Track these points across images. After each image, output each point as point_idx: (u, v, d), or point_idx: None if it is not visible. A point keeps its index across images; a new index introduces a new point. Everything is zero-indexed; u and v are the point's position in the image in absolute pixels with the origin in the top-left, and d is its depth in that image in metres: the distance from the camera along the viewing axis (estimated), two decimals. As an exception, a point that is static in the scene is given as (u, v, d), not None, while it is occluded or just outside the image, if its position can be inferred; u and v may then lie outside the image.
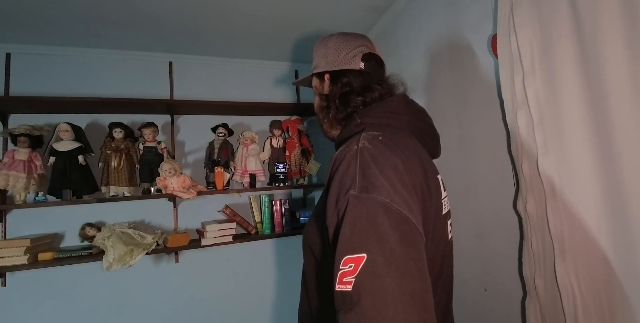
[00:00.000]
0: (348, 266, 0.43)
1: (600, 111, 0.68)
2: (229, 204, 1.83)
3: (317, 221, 0.61)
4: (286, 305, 1.95)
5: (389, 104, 0.65)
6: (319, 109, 0.75)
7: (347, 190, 0.48)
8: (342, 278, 0.43)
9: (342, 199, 0.48)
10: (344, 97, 0.68)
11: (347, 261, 0.43)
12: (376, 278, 0.41)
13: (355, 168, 0.50)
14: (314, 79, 0.77)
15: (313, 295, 0.64)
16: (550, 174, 0.78)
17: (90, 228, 1.56)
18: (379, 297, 0.40)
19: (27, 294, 1.53)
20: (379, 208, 0.45)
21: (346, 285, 0.42)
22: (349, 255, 0.43)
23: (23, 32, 1.49)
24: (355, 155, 0.51)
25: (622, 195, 0.65)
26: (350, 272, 0.42)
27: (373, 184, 0.47)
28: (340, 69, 0.69)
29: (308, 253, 0.64)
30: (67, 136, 1.49)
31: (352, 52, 0.70)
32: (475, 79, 1.07)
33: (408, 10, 1.43)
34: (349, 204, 0.46)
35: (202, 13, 1.44)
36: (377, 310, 0.39)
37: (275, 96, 2.07)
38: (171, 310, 1.72)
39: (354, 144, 0.54)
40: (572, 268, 0.74)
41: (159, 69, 1.84)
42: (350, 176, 0.49)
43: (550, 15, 0.77)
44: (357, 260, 0.42)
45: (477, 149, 1.09)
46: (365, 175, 0.48)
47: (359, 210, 0.46)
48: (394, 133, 0.59)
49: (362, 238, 0.44)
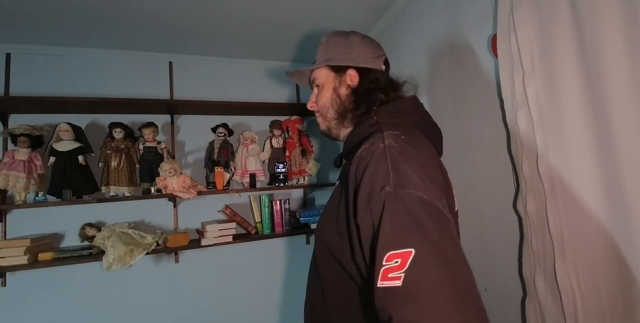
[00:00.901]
0: (394, 262, 0.42)
1: (600, 111, 0.68)
2: (229, 204, 1.83)
3: (336, 221, 0.59)
4: (286, 304, 1.95)
5: (402, 105, 0.67)
6: (330, 104, 0.71)
7: (381, 187, 0.48)
8: (387, 274, 0.42)
9: (376, 197, 0.48)
10: (374, 93, 0.67)
11: (391, 256, 0.43)
12: (429, 272, 0.41)
13: (387, 166, 0.50)
14: (324, 71, 0.73)
15: (331, 295, 0.62)
16: (550, 174, 0.78)
17: (90, 228, 1.56)
18: (436, 290, 0.40)
19: (27, 294, 1.52)
20: (417, 203, 0.46)
21: (393, 281, 0.41)
22: (393, 251, 0.43)
23: (23, 32, 1.49)
24: (384, 153, 0.52)
25: (622, 195, 0.65)
26: (396, 267, 0.42)
27: (408, 181, 0.48)
28: (367, 67, 0.70)
29: (325, 254, 0.62)
30: (67, 136, 1.49)
31: (376, 53, 0.72)
32: (475, 79, 1.07)
33: (408, 10, 1.43)
34: (386, 200, 0.46)
35: (202, 13, 1.44)
36: (434, 303, 0.39)
37: (275, 96, 2.07)
38: (171, 310, 1.72)
39: (379, 143, 0.54)
40: (572, 268, 0.74)
41: (159, 69, 1.84)
42: (383, 173, 0.49)
43: (550, 15, 0.77)
44: (404, 255, 0.42)
45: (477, 149, 1.09)
46: (399, 172, 0.49)
47: (398, 206, 0.46)
48: (411, 132, 0.59)
49: (406, 233, 0.44)
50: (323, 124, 0.75)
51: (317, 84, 0.75)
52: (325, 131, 0.75)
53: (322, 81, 0.73)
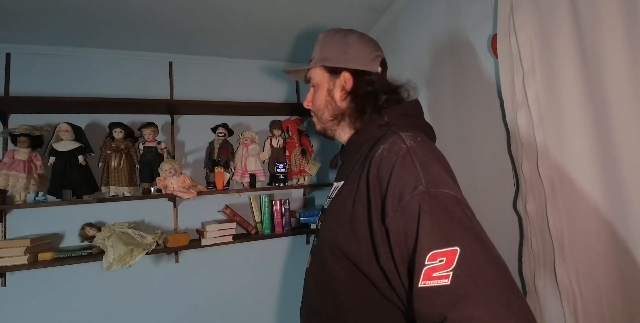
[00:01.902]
0: (438, 261, 0.42)
1: (600, 111, 0.68)
2: (229, 204, 1.83)
3: (349, 223, 0.57)
4: (286, 304, 1.95)
5: (408, 107, 0.67)
6: (324, 105, 0.71)
7: (413, 188, 0.47)
8: (431, 273, 0.42)
9: (408, 197, 0.47)
10: (370, 96, 0.67)
11: (434, 256, 0.43)
12: (479, 269, 0.42)
13: (415, 166, 0.50)
14: (319, 71, 0.72)
15: (348, 301, 0.59)
16: (550, 174, 0.78)
17: (90, 228, 1.56)
18: (489, 286, 0.41)
19: (27, 294, 1.52)
20: (453, 202, 0.46)
21: (441, 280, 0.42)
22: (437, 250, 0.43)
23: (23, 32, 1.49)
24: (409, 153, 0.52)
25: (622, 195, 0.65)
26: (442, 266, 0.42)
27: (440, 180, 0.48)
28: (362, 69, 0.69)
29: (339, 258, 0.59)
30: (67, 136, 1.49)
31: (373, 54, 0.70)
32: (475, 79, 1.07)
33: (408, 10, 1.43)
34: (422, 200, 0.46)
35: (202, 13, 1.44)
36: (491, 299, 0.40)
37: (275, 96, 2.07)
38: (171, 310, 1.72)
39: (400, 143, 0.54)
40: (572, 268, 0.74)
41: (159, 69, 1.84)
42: (412, 173, 0.49)
43: (550, 15, 0.77)
44: (450, 253, 0.42)
45: (477, 149, 1.09)
46: (429, 172, 0.49)
47: (435, 205, 0.46)
48: (419, 134, 0.60)
49: (449, 231, 0.44)
50: (318, 125, 0.75)
51: (312, 84, 0.74)
52: (321, 131, 0.75)
53: (317, 81, 0.72)
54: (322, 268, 0.64)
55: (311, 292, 0.68)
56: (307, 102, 0.76)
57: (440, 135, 0.73)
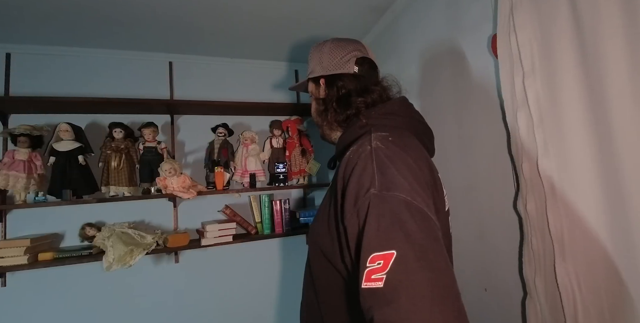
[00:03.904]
0: (376, 264, 0.43)
1: (600, 111, 0.68)
2: (229, 204, 1.83)
3: (327, 223, 0.60)
4: (286, 305, 1.95)
5: (391, 106, 0.67)
6: (316, 114, 0.77)
7: (367, 189, 0.49)
8: (370, 276, 0.43)
9: (362, 199, 0.48)
10: (342, 100, 0.69)
11: (374, 258, 0.43)
12: (409, 273, 0.42)
13: (373, 168, 0.51)
14: (310, 84, 0.78)
15: (323, 296, 0.63)
16: (550, 174, 0.78)
17: (90, 228, 1.56)
18: (415, 291, 0.41)
19: (27, 294, 1.52)
20: (401, 206, 0.46)
21: (376, 282, 0.42)
22: (376, 253, 0.44)
23: (23, 32, 1.49)
24: (370, 155, 0.53)
25: (622, 195, 0.65)
26: (379, 269, 0.42)
27: (393, 183, 0.48)
28: (335, 73, 0.71)
29: (319, 256, 0.63)
30: (67, 136, 1.49)
31: (345, 56, 0.72)
32: (475, 79, 1.07)
33: (408, 10, 1.43)
34: (371, 203, 0.47)
35: (203, 13, 1.44)
36: (414, 304, 0.40)
37: (275, 96, 2.07)
38: (171, 310, 1.72)
39: (366, 145, 0.55)
40: (572, 268, 0.74)
41: (159, 69, 1.84)
42: (369, 175, 0.50)
43: (550, 15, 0.77)
44: (387, 256, 0.43)
45: (477, 149, 1.09)
46: (384, 174, 0.49)
47: (382, 208, 0.46)
48: (400, 133, 0.60)
49: (389, 235, 0.44)
50: (319, 131, 0.80)
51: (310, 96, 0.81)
52: (322, 137, 0.80)
53: (310, 93, 0.79)
54: (309, 266, 0.68)
55: (304, 289, 0.71)
56: None
57: (440, 135, 0.74)
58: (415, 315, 0.39)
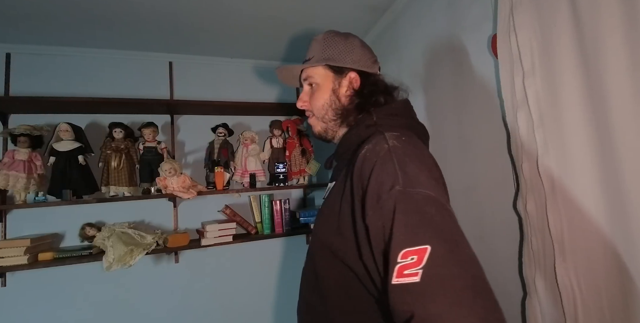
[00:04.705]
0: (409, 259, 0.43)
1: (600, 111, 0.68)
2: (229, 204, 1.83)
3: (337, 222, 0.59)
4: (286, 305, 1.95)
5: (397, 107, 0.69)
6: (328, 107, 0.70)
7: (390, 187, 0.49)
8: (402, 271, 0.43)
9: (385, 196, 0.49)
10: (367, 98, 0.69)
11: (406, 254, 0.44)
12: (447, 267, 0.42)
13: (394, 166, 0.51)
14: (321, 70, 0.71)
15: (333, 296, 0.61)
16: (550, 174, 0.78)
17: (90, 228, 1.56)
18: (456, 284, 0.42)
19: (27, 294, 1.52)
20: (428, 202, 0.47)
21: (411, 277, 0.43)
22: (408, 248, 0.44)
23: (23, 32, 1.49)
24: (390, 153, 0.53)
25: (622, 195, 0.65)
26: (413, 264, 0.43)
27: (416, 180, 0.49)
28: (366, 71, 0.71)
29: (327, 257, 0.61)
30: (67, 136, 1.49)
31: (373, 58, 0.73)
32: (475, 79, 1.07)
33: (408, 10, 1.43)
34: (397, 199, 0.47)
35: (202, 13, 1.44)
36: (456, 297, 0.41)
37: (275, 96, 2.07)
38: (171, 310, 1.72)
39: (382, 144, 0.55)
40: (572, 268, 0.74)
41: (159, 69, 1.84)
42: (391, 173, 0.50)
43: (550, 15, 0.77)
44: (420, 251, 0.43)
45: (477, 149, 1.09)
46: (406, 172, 0.50)
47: (409, 205, 0.47)
48: (407, 133, 0.61)
49: (420, 230, 0.45)
50: (318, 125, 0.73)
51: (311, 83, 0.73)
52: (322, 132, 0.73)
53: (319, 80, 0.71)
54: (312, 267, 0.66)
55: (305, 291, 0.70)
56: (301, 103, 0.74)
57: (440, 135, 0.74)
58: (457, 308, 0.40)
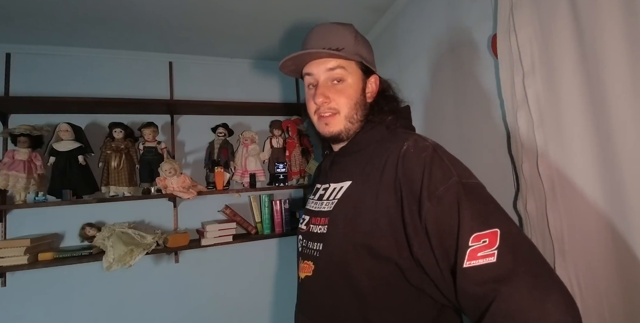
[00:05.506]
0: (481, 242, 0.47)
1: (600, 111, 0.68)
2: (229, 204, 1.83)
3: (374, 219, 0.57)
4: (286, 304, 1.95)
5: (406, 111, 0.75)
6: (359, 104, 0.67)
7: (448, 179, 0.52)
8: (476, 253, 0.47)
9: (443, 188, 0.52)
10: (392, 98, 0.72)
11: (477, 237, 0.47)
12: (519, 246, 0.47)
13: (443, 161, 0.55)
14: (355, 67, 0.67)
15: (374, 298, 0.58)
16: (550, 175, 0.77)
17: (90, 228, 1.56)
18: (532, 259, 0.47)
19: (27, 294, 1.52)
20: (485, 190, 0.54)
21: (486, 258, 0.46)
22: (478, 232, 0.48)
23: (23, 32, 1.49)
24: (435, 150, 0.57)
25: (622, 195, 0.65)
26: (486, 247, 0.47)
27: (469, 173, 0.56)
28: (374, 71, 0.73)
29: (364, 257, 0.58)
30: (67, 136, 1.49)
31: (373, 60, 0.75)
32: (475, 79, 1.07)
33: (408, 10, 1.43)
34: (458, 190, 0.51)
35: (202, 13, 1.44)
36: (535, 271, 0.46)
37: (275, 96, 2.07)
38: (171, 310, 1.72)
39: (423, 141, 0.59)
40: (572, 268, 0.74)
41: (159, 69, 1.84)
42: (442, 168, 0.54)
43: (550, 15, 0.77)
44: (490, 235, 0.47)
45: (477, 149, 1.09)
46: (456, 165, 0.55)
47: (470, 193, 0.52)
48: None
49: (487, 215, 0.50)
50: (341, 124, 0.66)
51: (339, 78, 0.65)
52: (342, 132, 0.67)
53: (350, 77, 0.66)
54: (338, 271, 0.61)
55: (324, 298, 0.64)
56: (324, 98, 0.65)
57: (440, 135, 0.74)
58: (539, 281, 0.44)
